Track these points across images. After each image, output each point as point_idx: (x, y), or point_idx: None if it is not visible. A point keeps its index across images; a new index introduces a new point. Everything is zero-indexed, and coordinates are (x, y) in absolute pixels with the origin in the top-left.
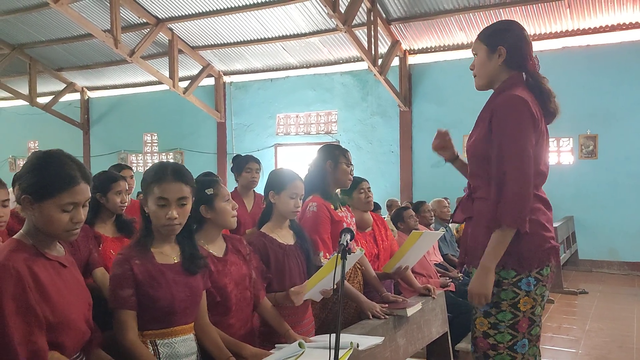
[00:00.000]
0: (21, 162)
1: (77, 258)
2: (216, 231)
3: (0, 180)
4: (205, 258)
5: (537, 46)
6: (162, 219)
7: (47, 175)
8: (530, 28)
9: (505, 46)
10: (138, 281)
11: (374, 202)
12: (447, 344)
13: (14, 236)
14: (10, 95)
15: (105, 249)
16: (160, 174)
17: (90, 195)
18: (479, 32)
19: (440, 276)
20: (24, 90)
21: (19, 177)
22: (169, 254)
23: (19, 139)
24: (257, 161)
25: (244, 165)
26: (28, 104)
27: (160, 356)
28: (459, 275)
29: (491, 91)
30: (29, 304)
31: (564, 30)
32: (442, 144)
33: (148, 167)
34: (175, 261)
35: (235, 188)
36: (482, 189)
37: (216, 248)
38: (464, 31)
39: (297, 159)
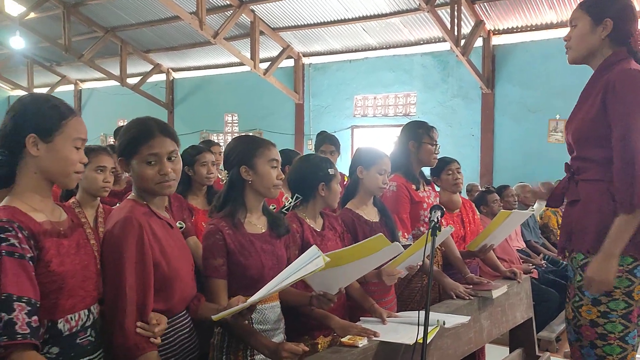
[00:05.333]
0: (111, 140)
1: None
2: (320, 208)
3: (107, 150)
4: (287, 226)
5: None
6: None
7: (129, 134)
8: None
9: (611, 18)
10: (230, 250)
11: None
12: (531, 330)
13: (129, 197)
14: (103, 76)
15: (197, 220)
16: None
17: (175, 149)
18: (581, 1)
19: (522, 262)
20: (115, 71)
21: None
22: (256, 223)
23: (109, 118)
24: (333, 142)
25: (319, 146)
26: (119, 84)
27: (253, 322)
28: (542, 262)
29: (584, 68)
30: (146, 256)
31: None
32: None
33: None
34: (263, 231)
35: None
36: (592, 171)
37: (315, 223)
38: (554, 9)
39: (374, 141)
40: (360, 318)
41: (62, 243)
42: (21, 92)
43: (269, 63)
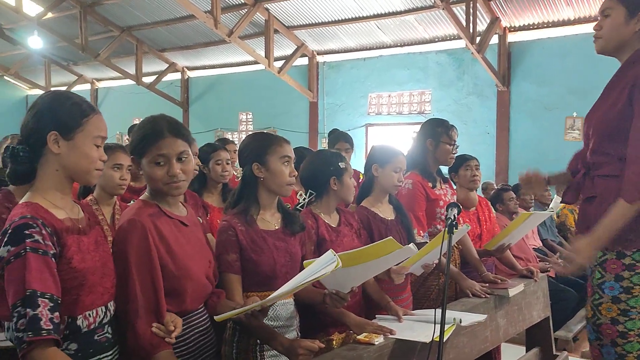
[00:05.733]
0: (127, 138)
1: None
2: (334, 203)
3: (124, 148)
4: (302, 223)
5: None
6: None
7: (139, 133)
8: None
9: None
10: (242, 246)
11: None
12: (548, 329)
13: (140, 197)
14: (119, 75)
15: (212, 218)
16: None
17: (185, 149)
18: None
19: (539, 261)
20: (131, 70)
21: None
22: (270, 220)
23: (125, 116)
24: (348, 140)
25: (334, 144)
26: (134, 83)
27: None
28: (559, 261)
29: (602, 65)
30: (151, 257)
31: None
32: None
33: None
34: (276, 228)
35: None
36: (609, 166)
37: (331, 219)
38: (571, 6)
39: (388, 139)
40: (376, 316)
41: (82, 240)
42: (39, 92)
43: (283, 61)
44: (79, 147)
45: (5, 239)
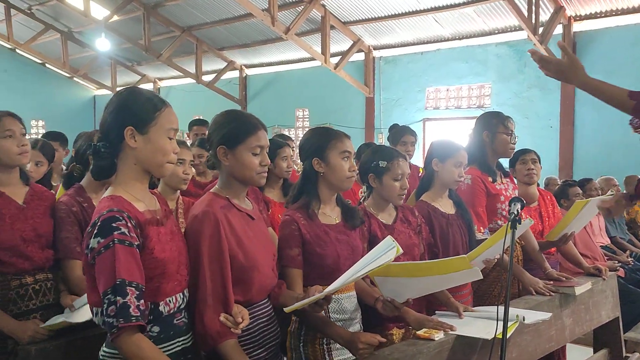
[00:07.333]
0: (187, 137)
1: None
2: (381, 201)
3: (186, 144)
4: (362, 218)
5: None
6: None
7: (235, 124)
8: None
9: None
10: (305, 240)
11: None
12: (617, 330)
13: (211, 190)
14: (180, 74)
15: (273, 213)
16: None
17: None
18: None
19: (607, 259)
20: (191, 69)
21: (209, 137)
22: (330, 214)
23: (186, 114)
24: (414, 134)
25: (400, 137)
26: (194, 81)
27: (329, 311)
28: (629, 259)
29: None
30: (222, 248)
31: None
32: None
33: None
34: (337, 221)
35: None
36: None
37: (385, 216)
38: None
39: (446, 134)
40: (436, 312)
41: (160, 231)
42: (106, 92)
43: (339, 57)
44: (153, 141)
45: (95, 231)
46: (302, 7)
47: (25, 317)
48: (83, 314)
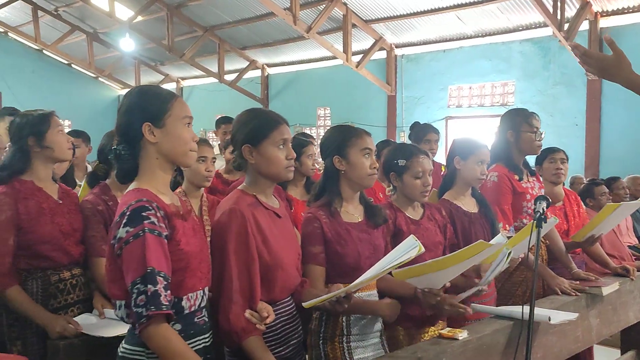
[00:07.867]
0: (210, 134)
1: None
2: (405, 199)
3: (208, 141)
4: (385, 216)
5: None
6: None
7: (257, 121)
8: None
9: None
10: (327, 239)
11: None
12: None
13: (238, 187)
14: (203, 73)
15: (296, 211)
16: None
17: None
18: None
19: (635, 259)
20: (214, 69)
21: (232, 138)
22: (353, 213)
23: (208, 113)
24: (437, 132)
25: (423, 136)
26: (217, 81)
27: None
28: None
29: None
30: (249, 245)
31: None
32: None
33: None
34: (359, 220)
35: None
36: None
37: (412, 212)
38: None
39: (469, 132)
40: (471, 304)
41: (184, 225)
42: None
43: (361, 56)
44: (171, 131)
45: (125, 221)
46: (324, 5)
47: (64, 310)
48: (116, 327)
